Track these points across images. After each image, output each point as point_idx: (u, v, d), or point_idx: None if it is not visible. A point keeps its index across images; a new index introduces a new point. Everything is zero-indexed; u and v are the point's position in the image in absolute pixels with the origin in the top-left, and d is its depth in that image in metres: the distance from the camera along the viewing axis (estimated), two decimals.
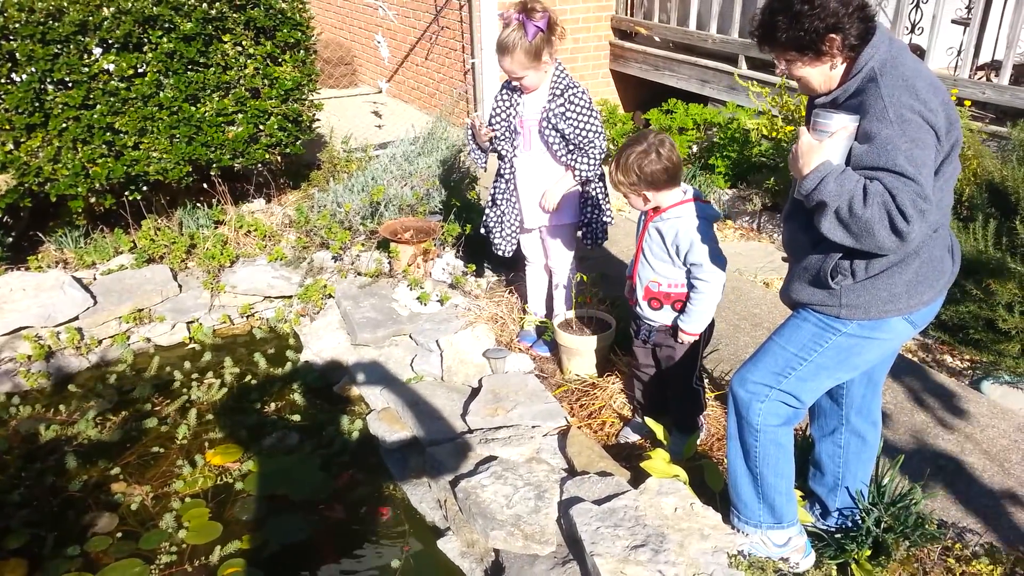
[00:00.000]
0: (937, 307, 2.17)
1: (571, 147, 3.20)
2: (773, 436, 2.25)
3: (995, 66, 5.04)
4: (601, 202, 3.42)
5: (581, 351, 3.40)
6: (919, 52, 5.18)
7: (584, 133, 3.16)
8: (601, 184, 3.42)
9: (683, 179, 2.75)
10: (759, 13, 2.04)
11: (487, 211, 3.55)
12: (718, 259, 2.64)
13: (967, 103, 4.38)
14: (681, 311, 2.76)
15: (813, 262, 2.07)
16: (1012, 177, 3.68)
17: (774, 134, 5.08)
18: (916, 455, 3.02)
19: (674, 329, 2.81)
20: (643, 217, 2.77)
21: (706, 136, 5.94)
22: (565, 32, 3.15)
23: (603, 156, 3.24)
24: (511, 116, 3.25)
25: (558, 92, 3.14)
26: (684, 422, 2.93)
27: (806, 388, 2.20)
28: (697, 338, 2.79)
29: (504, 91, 3.27)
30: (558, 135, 3.18)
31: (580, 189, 3.35)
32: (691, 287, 2.70)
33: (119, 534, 2.88)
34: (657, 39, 6.76)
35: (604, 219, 3.46)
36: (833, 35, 1.92)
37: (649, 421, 2.87)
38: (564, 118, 3.14)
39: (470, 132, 3.38)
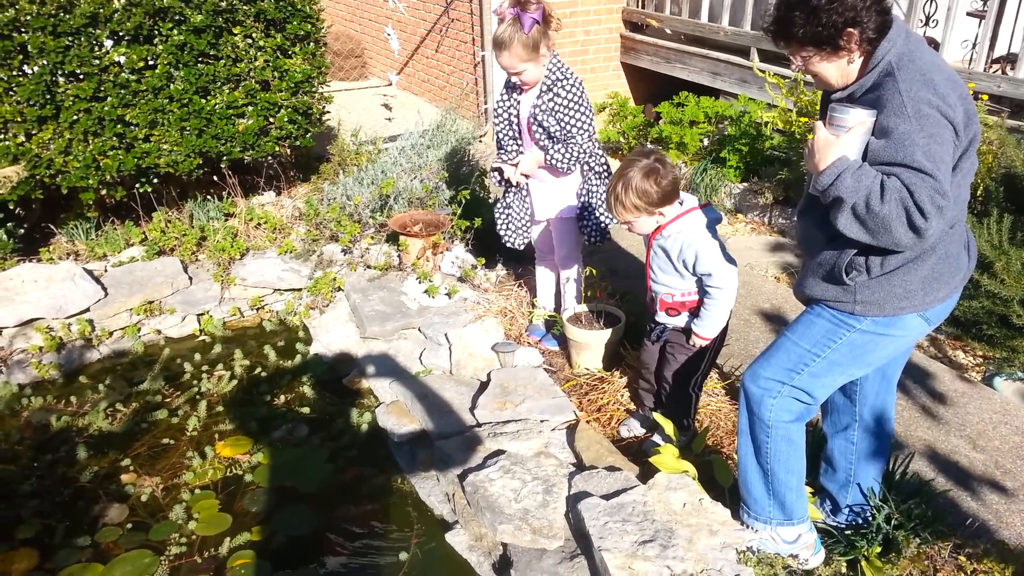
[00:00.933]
0: (952, 304, 2.14)
1: (553, 140, 3.16)
2: (785, 432, 2.24)
3: (1011, 59, 4.98)
4: (599, 198, 3.40)
5: (590, 345, 3.39)
6: (933, 45, 5.12)
7: (566, 127, 3.10)
8: (602, 182, 3.40)
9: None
10: (774, 8, 2.01)
11: (498, 204, 3.55)
12: (728, 263, 2.63)
13: (983, 97, 4.33)
14: (695, 315, 2.76)
15: (827, 258, 2.05)
16: None
17: (789, 127, 5.04)
18: (928, 452, 3.00)
19: (687, 332, 2.80)
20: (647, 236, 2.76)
21: (717, 129, 5.91)
22: (561, 24, 3.12)
23: (582, 153, 3.16)
24: (512, 116, 3.24)
25: (546, 87, 3.10)
26: (674, 421, 2.91)
27: (819, 384, 2.18)
28: (708, 343, 2.78)
29: (505, 90, 3.26)
30: (543, 132, 3.15)
31: (579, 183, 3.33)
32: (705, 294, 2.70)
33: (129, 525, 2.89)
34: (668, 31, 6.72)
35: (603, 216, 3.44)
36: (851, 29, 1.89)
37: (657, 416, 2.86)
38: (550, 112, 3.10)
39: (495, 174, 3.39)
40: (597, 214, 3.40)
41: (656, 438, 2.98)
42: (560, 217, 3.41)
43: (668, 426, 2.78)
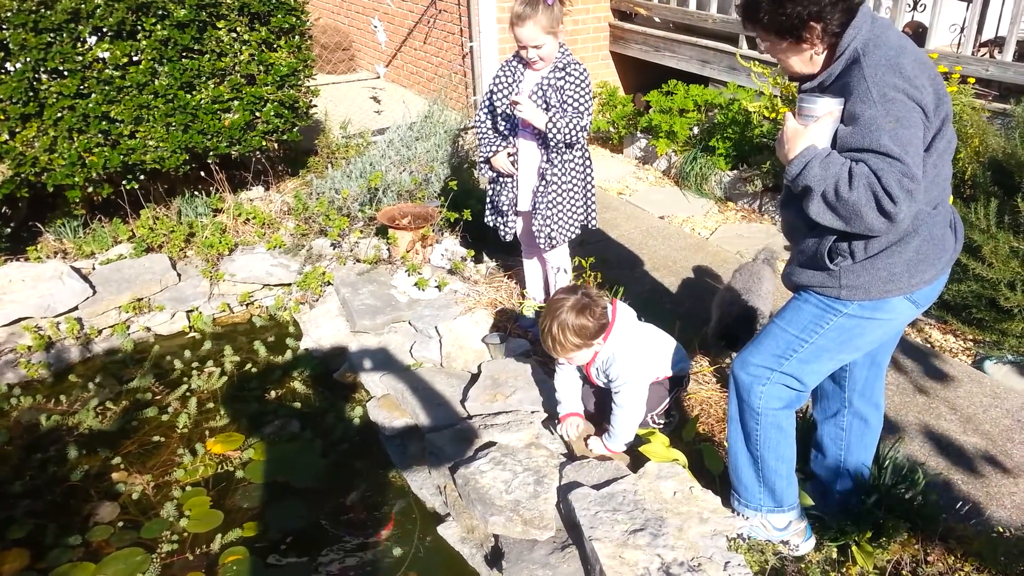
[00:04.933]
0: (940, 285, 2.14)
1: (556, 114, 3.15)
2: (775, 419, 2.24)
3: (999, 42, 4.97)
4: (582, 191, 3.39)
5: None
6: (921, 30, 5.12)
7: (571, 105, 3.11)
8: (587, 175, 3.39)
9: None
10: None
11: (489, 196, 3.54)
12: (639, 381, 2.67)
13: (971, 80, 4.33)
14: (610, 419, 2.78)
15: (810, 245, 2.05)
16: (1016, 155, 3.65)
17: (773, 115, 5.03)
18: (918, 436, 3.00)
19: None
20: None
21: (707, 117, 5.89)
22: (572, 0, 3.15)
23: (581, 134, 3.16)
24: (512, 94, 3.21)
25: (560, 65, 3.12)
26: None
27: (808, 370, 2.18)
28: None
29: (506, 68, 3.22)
30: (545, 104, 3.14)
31: (561, 174, 3.32)
32: (613, 405, 2.72)
33: (120, 523, 2.88)
34: (657, 20, 6.69)
35: (583, 209, 3.44)
36: (814, 23, 1.90)
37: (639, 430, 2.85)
38: (558, 89, 3.11)
39: (484, 165, 3.45)
40: (578, 206, 3.40)
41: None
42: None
43: (656, 435, 2.77)
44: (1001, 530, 2.51)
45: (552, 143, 3.16)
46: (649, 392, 2.81)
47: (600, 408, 2.95)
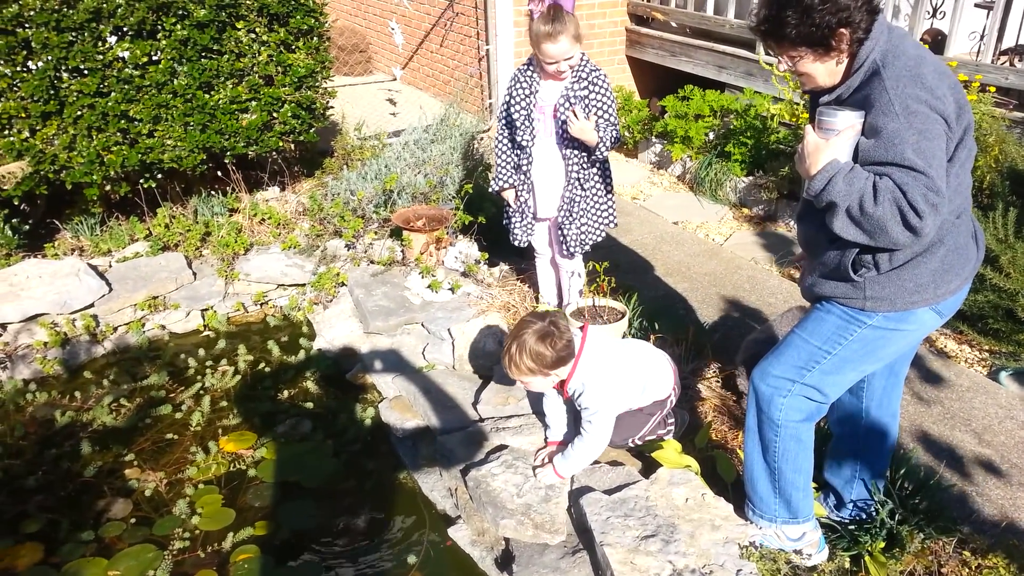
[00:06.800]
0: (963, 295, 2.12)
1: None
2: (794, 432, 2.21)
3: (1019, 51, 4.94)
4: (602, 199, 3.39)
5: None
6: (941, 37, 5.08)
7: (604, 115, 3.13)
8: (607, 183, 3.39)
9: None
10: (764, 7, 1.97)
11: (511, 207, 3.54)
12: (608, 407, 2.60)
13: (991, 89, 4.29)
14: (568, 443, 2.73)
15: (832, 257, 2.02)
16: None
17: (794, 120, 5.00)
18: (932, 447, 2.98)
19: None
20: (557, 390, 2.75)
21: (722, 123, 5.87)
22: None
23: (613, 144, 3.22)
24: (530, 104, 3.21)
25: (584, 75, 3.11)
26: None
27: (830, 381, 2.16)
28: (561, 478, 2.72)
29: (520, 78, 3.22)
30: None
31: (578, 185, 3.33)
32: (581, 430, 2.65)
33: (133, 520, 2.90)
34: (674, 24, 6.68)
35: (600, 219, 3.43)
36: (843, 29, 1.87)
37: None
38: (582, 99, 3.10)
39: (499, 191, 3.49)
40: (608, 210, 3.40)
41: None
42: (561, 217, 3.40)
43: (668, 441, 2.76)
44: (1016, 543, 2.49)
45: (591, 157, 3.22)
46: (630, 418, 2.77)
47: None
